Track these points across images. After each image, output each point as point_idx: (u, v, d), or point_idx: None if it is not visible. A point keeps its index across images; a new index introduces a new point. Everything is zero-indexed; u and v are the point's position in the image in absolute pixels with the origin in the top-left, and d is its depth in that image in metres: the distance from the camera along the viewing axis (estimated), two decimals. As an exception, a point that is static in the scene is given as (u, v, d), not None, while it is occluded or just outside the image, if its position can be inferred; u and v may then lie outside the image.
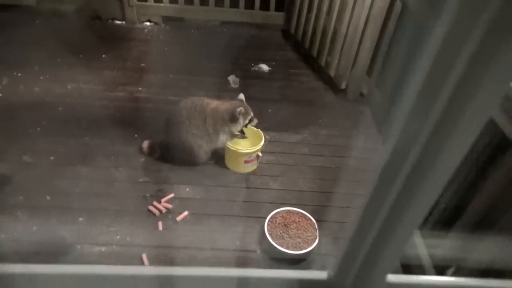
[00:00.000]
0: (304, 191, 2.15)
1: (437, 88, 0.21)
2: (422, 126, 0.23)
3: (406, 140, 0.23)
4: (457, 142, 0.23)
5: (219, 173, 2.21)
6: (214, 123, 2.09)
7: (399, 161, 0.23)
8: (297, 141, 2.47)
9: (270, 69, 3.07)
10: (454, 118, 0.22)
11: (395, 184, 0.24)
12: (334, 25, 2.79)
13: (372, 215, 0.26)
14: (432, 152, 0.23)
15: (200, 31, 3.48)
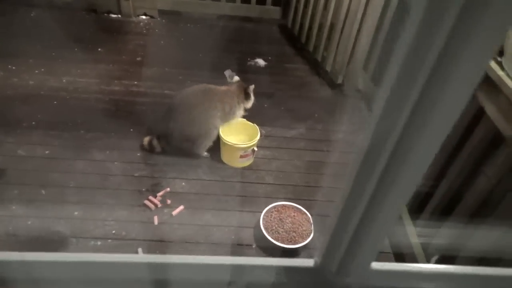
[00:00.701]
0: (300, 185, 2.16)
1: (415, 71, 0.22)
2: (400, 112, 0.23)
3: (385, 127, 0.23)
4: (434, 128, 0.23)
5: (215, 167, 2.21)
6: (231, 102, 2.22)
7: (378, 148, 0.24)
8: (293, 135, 2.48)
9: (266, 63, 3.07)
10: (431, 102, 0.23)
11: (374, 172, 0.25)
12: (331, 20, 2.79)
13: (354, 203, 0.27)
14: (409, 139, 0.23)
15: (196, 25, 3.46)
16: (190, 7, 3.46)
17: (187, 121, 2.14)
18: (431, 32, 0.21)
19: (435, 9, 0.20)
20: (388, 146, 0.23)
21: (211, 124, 2.16)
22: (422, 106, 0.22)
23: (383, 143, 0.23)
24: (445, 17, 0.20)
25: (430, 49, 0.21)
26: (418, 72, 0.22)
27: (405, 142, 0.23)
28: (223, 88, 2.26)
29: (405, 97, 0.22)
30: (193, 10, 3.50)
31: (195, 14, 3.52)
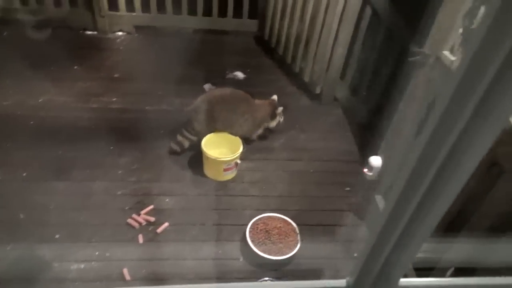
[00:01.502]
0: (284, 196, 2.16)
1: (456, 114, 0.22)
2: (442, 145, 0.24)
3: (429, 155, 0.24)
4: (468, 164, 0.24)
5: (199, 182, 2.19)
6: (259, 119, 2.36)
7: (421, 173, 0.24)
8: (275, 146, 2.48)
9: (245, 76, 3.07)
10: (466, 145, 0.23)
11: (416, 195, 0.25)
12: (307, 32, 2.83)
13: (393, 225, 0.27)
14: (446, 173, 0.24)
15: (173, 39, 3.44)
16: (166, 22, 3.44)
17: (219, 118, 2.24)
18: (471, 87, 0.21)
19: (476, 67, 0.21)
20: (431, 171, 0.24)
21: (236, 129, 2.28)
22: (459, 148, 0.22)
23: (426, 168, 0.24)
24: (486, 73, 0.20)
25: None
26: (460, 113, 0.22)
27: (442, 176, 0.24)
28: (258, 102, 2.39)
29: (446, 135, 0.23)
30: (169, 25, 3.48)
31: (172, 29, 3.50)
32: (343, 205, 2.15)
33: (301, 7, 2.84)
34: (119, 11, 3.31)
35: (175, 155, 2.30)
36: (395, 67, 2.38)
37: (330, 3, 2.53)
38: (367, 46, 2.57)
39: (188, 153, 2.33)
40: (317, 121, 2.71)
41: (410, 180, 0.25)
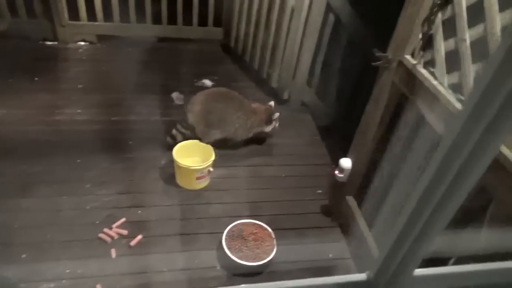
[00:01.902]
0: (258, 201, 2.17)
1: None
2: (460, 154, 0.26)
3: (450, 159, 0.26)
4: (477, 171, 0.26)
5: (171, 192, 2.16)
6: (253, 121, 2.40)
7: (445, 170, 0.27)
8: (246, 153, 2.49)
9: (213, 83, 3.07)
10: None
11: (436, 193, 0.27)
12: (273, 39, 2.88)
13: (415, 221, 0.29)
14: (461, 177, 0.26)
15: (138, 48, 3.39)
16: (130, 31, 3.39)
17: (214, 111, 2.30)
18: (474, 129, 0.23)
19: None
20: (451, 172, 0.26)
21: (229, 126, 2.34)
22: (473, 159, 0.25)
23: (447, 171, 0.26)
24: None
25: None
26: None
27: (462, 171, 0.26)
28: (255, 106, 2.46)
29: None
30: (133, 34, 3.43)
31: (136, 38, 3.45)
32: (315, 208, 2.18)
33: (265, 14, 2.89)
34: (81, 21, 3.23)
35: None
36: (359, 72, 2.46)
37: (294, 11, 2.59)
38: (332, 52, 2.65)
39: (160, 163, 2.30)
40: (287, 126, 2.75)
41: (431, 182, 0.27)
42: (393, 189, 1.69)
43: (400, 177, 1.65)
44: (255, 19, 3.04)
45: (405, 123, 1.60)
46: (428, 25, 1.45)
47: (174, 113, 2.71)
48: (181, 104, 2.80)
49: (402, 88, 1.59)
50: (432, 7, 1.42)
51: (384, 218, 1.77)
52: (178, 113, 2.70)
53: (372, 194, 1.87)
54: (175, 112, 2.71)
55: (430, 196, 0.27)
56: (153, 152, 2.36)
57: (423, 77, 1.44)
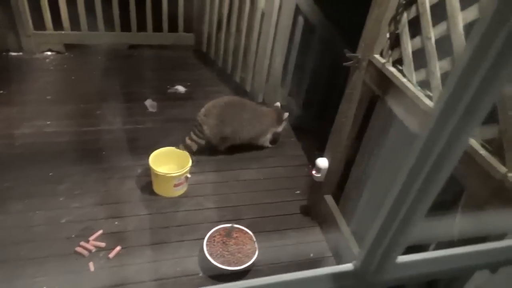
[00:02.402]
0: (238, 205, 2.17)
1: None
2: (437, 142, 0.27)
3: (432, 142, 0.28)
4: (457, 153, 0.27)
5: (149, 200, 2.13)
6: (266, 125, 2.48)
7: (422, 163, 0.28)
8: (223, 157, 2.49)
9: (186, 89, 3.06)
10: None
11: (415, 185, 0.29)
12: (245, 43, 2.89)
13: (396, 211, 0.30)
14: (440, 163, 0.27)
15: (108, 56, 3.33)
16: (99, 39, 3.33)
17: (229, 122, 2.37)
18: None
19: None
20: (430, 159, 0.27)
21: (243, 134, 2.43)
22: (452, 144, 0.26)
23: (426, 158, 0.27)
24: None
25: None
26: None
27: (437, 164, 0.27)
28: (265, 109, 2.52)
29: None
30: (102, 42, 3.37)
31: (105, 46, 3.39)
32: (295, 208, 2.20)
33: (236, 19, 2.91)
34: (47, 30, 3.15)
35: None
36: (331, 72, 2.51)
37: (264, 14, 2.62)
38: (304, 54, 2.69)
39: (136, 172, 2.26)
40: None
41: (410, 174, 0.29)
42: (369, 185, 1.73)
43: (375, 173, 1.69)
44: (226, 23, 3.05)
45: (377, 120, 1.64)
46: (395, 25, 1.50)
47: (148, 120, 2.68)
48: (154, 111, 2.77)
49: (373, 86, 1.63)
50: (397, 8, 1.46)
51: (362, 214, 1.81)
52: (152, 121, 2.68)
53: (349, 191, 1.91)
54: (149, 120, 2.68)
55: (410, 188, 0.29)
56: (128, 161, 2.32)
57: (392, 75, 1.49)
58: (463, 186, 1.17)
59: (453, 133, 0.26)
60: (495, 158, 1.07)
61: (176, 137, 2.54)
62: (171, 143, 2.29)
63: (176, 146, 2.26)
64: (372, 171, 1.69)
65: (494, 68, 0.23)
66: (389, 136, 1.56)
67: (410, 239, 0.32)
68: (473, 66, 0.24)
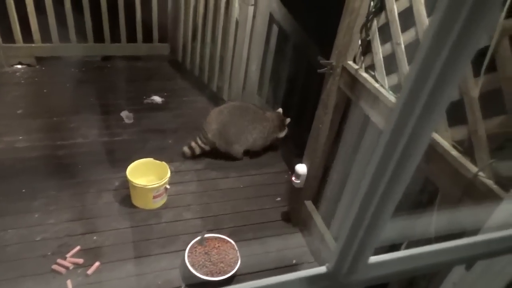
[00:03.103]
0: (219, 215, 2.16)
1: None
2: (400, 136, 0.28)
3: (389, 151, 0.28)
4: (422, 146, 0.28)
5: (127, 213, 2.09)
6: (269, 128, 2.51)
7: (387, 161, 0.29)
8: (202, 167, 2.48)
9: (163, 99, 3.04)
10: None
11: (380, 184, 0.30)
12: (220, 52, 2.91)
13: (364, 212, 0.31)
14: (406, 156, 0.28)
15: (81, 68, 3.28)
16: (71, 51, 3.28)
17: (230, 125, 2.42)
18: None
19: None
20: (395, 156, 0.28)
21: (246, 138, 2.47)
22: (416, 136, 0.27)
23: (391, 155, 0.28)
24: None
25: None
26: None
27: (402, 159, 0.28)
28: (268, 114, 2.54)
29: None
30: (74, 54, 3.32)
31: (78, 58, 3.34)
32: (276, 215, 2.21)
33: (211, 28, 2.92)
34: (16, 43, 3.07)
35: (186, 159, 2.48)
36: (307, 79, 2.55)
37: (239, 23, 2.64)
38: (279, 61, 2.72)
39: (113, 185, 2.22)
40: (241, 137, 2.77)
41: (376, 173, 0.30)
42: (346, 188, 1.76)
43: (351, 176, 1.72)
44: (201, 33, 3.06)
45: (352, 125, 1.68)
46: (366, 31, 1.54)
47: (125, 132, 2.64)
48: (131, 123, 2.74)
49: (347, 92, 1.67)
50: (367, 15, 1.51)
51: (341, 217, 1.84)
52: (129, 132, 2.64)
53: (328, 196, 1.94)
54: (125, 132, 2.65)
55: (375, 187, 0.30)
56: (104, 174, 2.28)
57: (365, 81, 1.53)
58: (438, 187, 1.21)
59: (415, 128, 0.27)
60: (466, 158, 1.11)
61: (154, 148, 2.52)
62: (149, 154, 2.27)
63: (154, 157, 2.23)
64: (349, 174, 1.72)
65: (450, 62, 0.25)
66: (364, 139, 1.60)
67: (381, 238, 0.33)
68: (430, 60, 0.25)
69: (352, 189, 1.71)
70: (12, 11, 2.92)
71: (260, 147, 2.57)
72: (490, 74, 1.02)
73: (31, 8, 2.96)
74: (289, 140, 2.69)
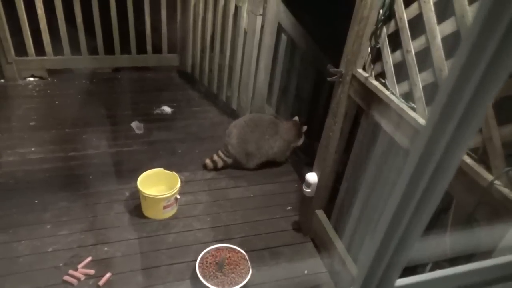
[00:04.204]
0: (229, 225, 2.15)
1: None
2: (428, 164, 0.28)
3: (419, 172, 0.28)
4: (449, 175, 0.28)
5: (138, 224, 2.09)
6: (288, 140, 2.53)
7: (417, 181, 0.28)
8: (212, 176, 2.48)
9: (172, 110, 3.06)
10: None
11: (411, 203, 0.29)
12: (229, 62, 2.92)
13: (393, 232, 0.30)
14: (435, 181, 0.27)
15: (92, 80, 3.33)
16: (82, 63, 3.32)
17: (251, 140, 2.46)
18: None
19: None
20: (424, 178, 0.27)
21: (267, 151, 2.49)
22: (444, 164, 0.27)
23: (421, 176, 0.27)
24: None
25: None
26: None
27: (432, 184, 0.27)
28: (286, 125, 2.54)
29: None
30: (85, 66, 3.36)
31: (88, 70, 3.38)
32: (287, 225, 2.19)
33: (220, 38, 2.94)
34: (28, 56, 3.13)
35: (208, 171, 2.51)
36: (316, 87, 2.55)
37: (247, 33, 2.65)
38: (288, 70, 2.72)
39: (124, 196, 2.23)
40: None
41: (404, 196, 0.29)
42: (360, 198, 1.74)
43: (364, 186, 1.70)
44: (209, 43, 3.08)
45: (363, 133, 1.66)
46: (375, 39, 1.54)
47: (135, 143, 2.66)
48: (141, 133, 2.76)
49: (357, 100, 1.66)
50: (377, 23, 1.50)
51: (354, 227, 1.81)
52: (139, 143, 2.66)
53: (340, 205, 1.92)
54: (136, 142, 2.66)
55: (405, 207, 0.29)
56: (115, 185, 2.29)
57: (375, 89, 1.52)
58: (452, 195, 1.18)
59: (447, 148, 0.26)
60: (481, 166, 1.09)
61: (164, 158, 2.53)
62: (159, 165, 2.28)
63: (164, 167, 2.23)
64: (361, 184, 1.70)
65: (484, 83, 0.24)
66: (376, 148, 1.58)
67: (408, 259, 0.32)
68: (463, 80, 0.24)
69: (365, 200, 1.69)
70: (25, 25, 2.98)
71: (284, 158, 2.61)
72: (504, 81, 1.00)
73: (44, 23, 3.02)
74: (299, 148, 2.67)
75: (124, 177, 2.32)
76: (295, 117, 2.62)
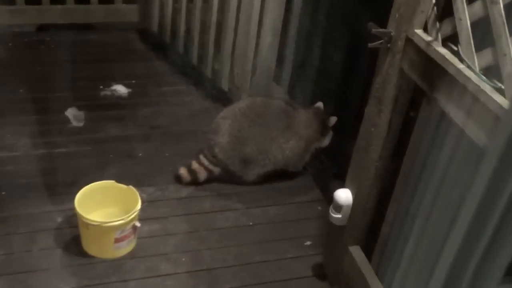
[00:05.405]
0: (215, 268, 2.15)
1: None
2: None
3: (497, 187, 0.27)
4: None
5: (77, 265, 2.10)
6: (307, 140, 2.51)
7: (494, 197, 0.28)
8: (190, 194, 2.48)
9: (129, 90, 3.07)
10: None
11: (484, 231, 0.29)
12: (217, 18, 2.92)
13: (460, 268, 0.30)
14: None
15: (7, 44, 3.34)
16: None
17: (249, 137, 2.44)
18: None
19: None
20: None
21: (275, 155, 2.46)
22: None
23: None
24: None
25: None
26: None
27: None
28: (304, 116, 2.53)
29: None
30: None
31: (3, 28, 3.39)
32: (304, 269, 2.20)
33: (203, -19, 2.95)
34: None
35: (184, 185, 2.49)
36: (350, 58, 2.54)
37: (246, -26, 2.66)
38: (307, 33, 2.72)
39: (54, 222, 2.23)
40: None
41: (474, 221, 0.29)
42: (417, 228, 1.74)
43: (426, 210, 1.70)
44: (187, -12, 3.09)
45: (425, 130, 1.66)
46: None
47: (72, 140, 2.66)
48: (81, 126, 2.76)
49: (414, 77, 1.66)
50: (446, -41, 1.50)
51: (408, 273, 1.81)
52: (78, 141, 2.66)
53: (387, 239, 1.92)
54: (73, 140, 2.67)
55: (475, 237, 0.29)
56: (41, 206, 2.30)
57: (443, 60, 1.51)
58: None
59: None
60: None
61: (116, 166, 2.53)
62: (109, 175, 2.28)
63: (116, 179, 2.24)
64: (421, 207, 1.70)
65: None
66: (444, 153, 1.58)
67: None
68: None
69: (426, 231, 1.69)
70: None
71: (300, 166, 2.60)
72: None
73: None
74: (323, 152, 2.67)
75: (55, 194, 2.33)
76: (318, 104, 2.62)
